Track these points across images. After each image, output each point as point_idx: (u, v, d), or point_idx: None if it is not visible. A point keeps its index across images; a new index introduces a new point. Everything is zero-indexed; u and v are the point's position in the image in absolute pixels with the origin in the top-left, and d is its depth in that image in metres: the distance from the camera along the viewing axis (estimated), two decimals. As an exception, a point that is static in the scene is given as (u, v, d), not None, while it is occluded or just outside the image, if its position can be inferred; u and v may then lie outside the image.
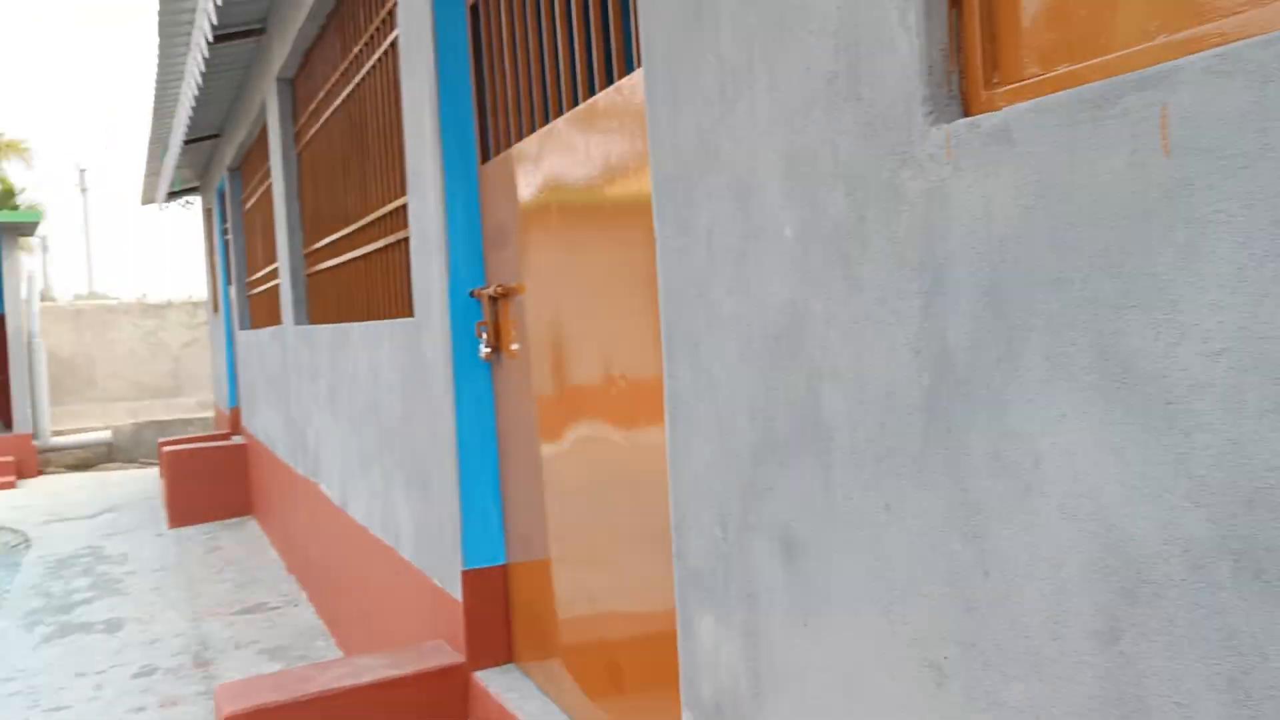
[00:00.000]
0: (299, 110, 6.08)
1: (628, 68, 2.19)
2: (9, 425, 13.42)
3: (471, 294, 3.13)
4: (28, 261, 14.53)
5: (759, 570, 1.58)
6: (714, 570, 1.71)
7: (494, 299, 3.05)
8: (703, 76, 1.66)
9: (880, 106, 1.28)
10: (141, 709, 4.59)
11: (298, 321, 6.09)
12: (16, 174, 46.67)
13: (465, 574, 3.09)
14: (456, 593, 3.15)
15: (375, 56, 4.13)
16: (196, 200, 12.85)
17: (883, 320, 1.29)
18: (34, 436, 13.32)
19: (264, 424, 7.86)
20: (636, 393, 2.25)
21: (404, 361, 3.70)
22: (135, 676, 5.03)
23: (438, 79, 3.15)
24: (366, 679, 3.02)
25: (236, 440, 9.71)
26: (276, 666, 5.01)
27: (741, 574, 1.63)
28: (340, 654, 5.11)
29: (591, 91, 2.38)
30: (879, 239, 1.29)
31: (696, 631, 1.77)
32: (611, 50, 2.22)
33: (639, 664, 2.34)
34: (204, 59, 6.01)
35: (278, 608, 6.05)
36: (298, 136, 6.13)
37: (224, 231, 10.52)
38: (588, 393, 2.52)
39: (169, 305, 15.54)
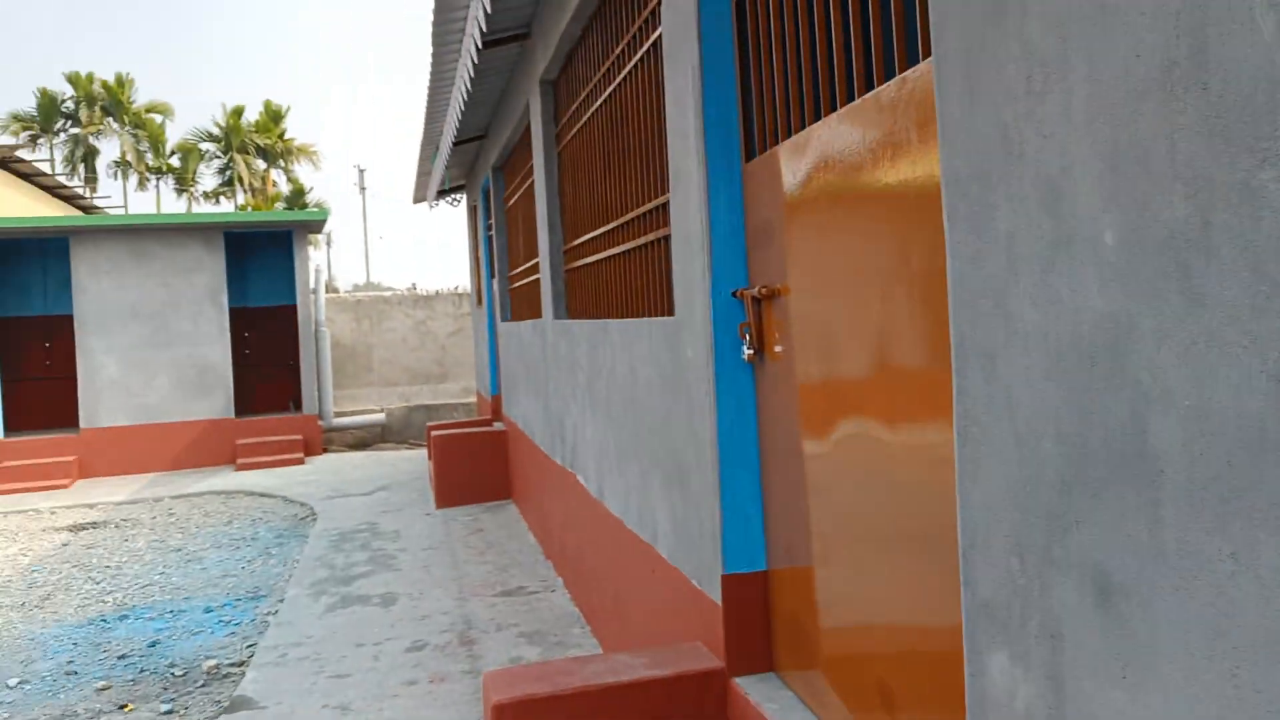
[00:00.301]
0: (560, 111, 6.25)
1: (909, 59, 2.07)
2: (298, 407, 14.70)
3: (734, 294, 3.08)
4: (314, 256, 15.82)
5: (1065, 610, 1.43)
6: (1008, 604, 1.57)
7: (757, 300, 2.99)
8: (1005, 67, 1.52)
9: (1233, 97, 1.11)
10: (413, 682, 4.87)
11: (557, 315, 6.28)
12: (305, 175, 51.14)
13: (725, 578, 3.06)
14: (716, 596, 3.13)
15: (637, 56, 4.16)
16: (462, 198, 13.57)
17: (1233, 342, 1.13)
18: (319, 417, 14.52)
19: (523, 412, 8.19)
20: (912, 400, 2.13)
21: (663, 360, 3.71)
22: (408, 650, 5.35)
23: (702, 76, 3.12)
24: (626, 677, 3.04)
25: (498, 426, 10.19)
26: (536, 650, 5.19)
27: (1043, 612, 1.49)
28: (595, 643, 5.23)
29: (870, 85, 2.27)
30: (1229, 248, 1.13)
31: (987, 668, 1.64)
32: (893, 40, 2.10)
33: (913, 687, 2.22)
34: (473, 64, 6.28)
35: (536, 592, 6.28)
36: (558, 136, 6.31)
37: (487, 228, 11.05)
38: (857, 398, 2.42)
39: (437, 296, 16.53)
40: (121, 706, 5.07)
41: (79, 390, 13.47)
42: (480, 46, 5.98)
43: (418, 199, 13.67)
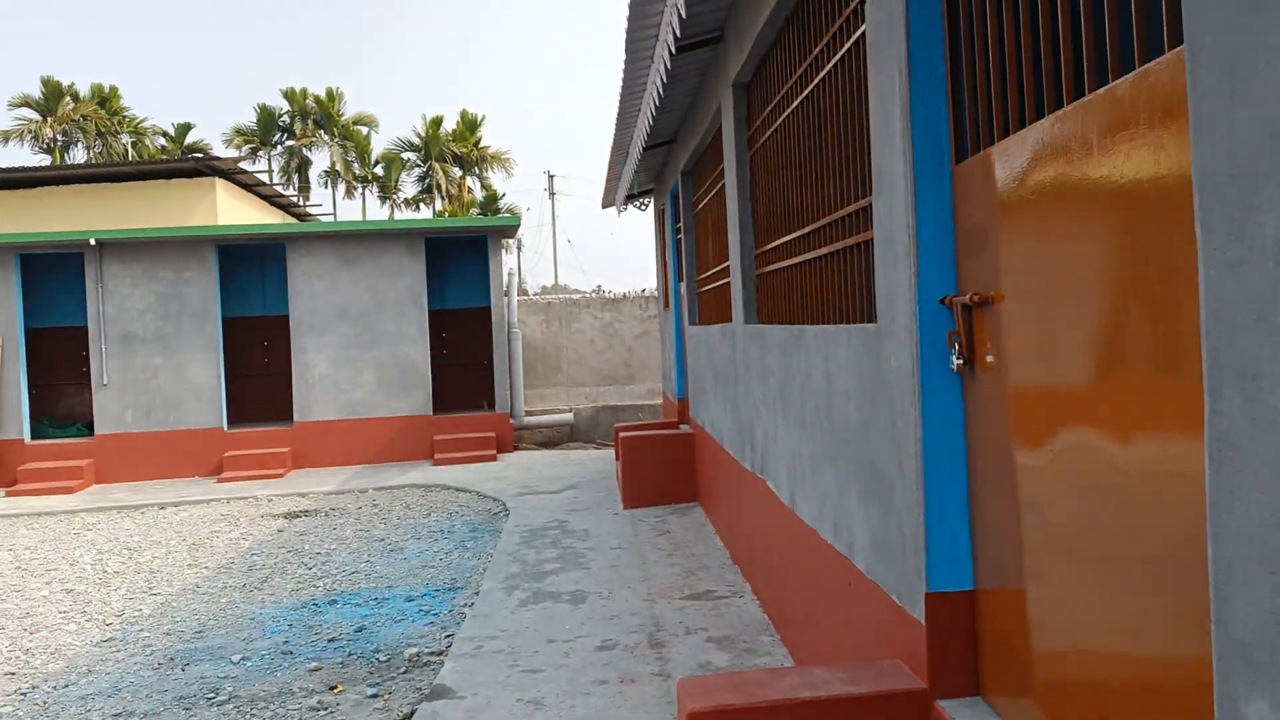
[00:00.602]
0: (753, 114, 6.21)
1: (1150, 51, 1.92)
2: (492, 405, 15.21)
3: (942, 301, 2.96)
4: (506, 259, 16.34)
5: (1344, 659, 1.29)
6: (1272, 647, 1.43)
7: (968, 307, 2.86)
8: (1276, 57, 1.38)
9: None
10: (604, 681, 4.93)
11: (748, 320, 6.24)
12: (497, 181, 53.04)
13: (930, 596, 2.94)
14: (917, 614, 3.01)
15: (837, 56, 4.08)
16: (650, 202, 13.71)
17: None
18: (511, 416, 14.98)
19: (711, 416, 8.18)
20: (1147, 413, 1.98)
21: (863, 368, 3.61)
22: (598, 649, 5.42)
23: (909, 74, 3.02)
24: (824, 693, 2.97)
25: (684, 429, 10.23)
26: (725, 657, 5.16)
27: (1314, 658, 1.34)
28: (785, 652, 5.15)
29: (1102, 80, 2.12)
30: None
31: (1243, 716, 1.49)
32: (1132, 31, 1.96)
33: (1143, 727, 2.06)
34: (665, 69, 6.31)
35: (724, 597, 6.25)
36: (751, 140, 6.27)
37: (676, 231, 11.12)
38: (1081, 411, 2.27)
39: (624, 299, 16.77)
40: (332, 687, 5.35)
41: (293, 386, 14.38)
42: (674, 51, 6.01)
43: (606, 204, 13.90)
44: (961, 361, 2.88)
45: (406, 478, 12.77)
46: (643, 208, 13.85)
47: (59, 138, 45.95)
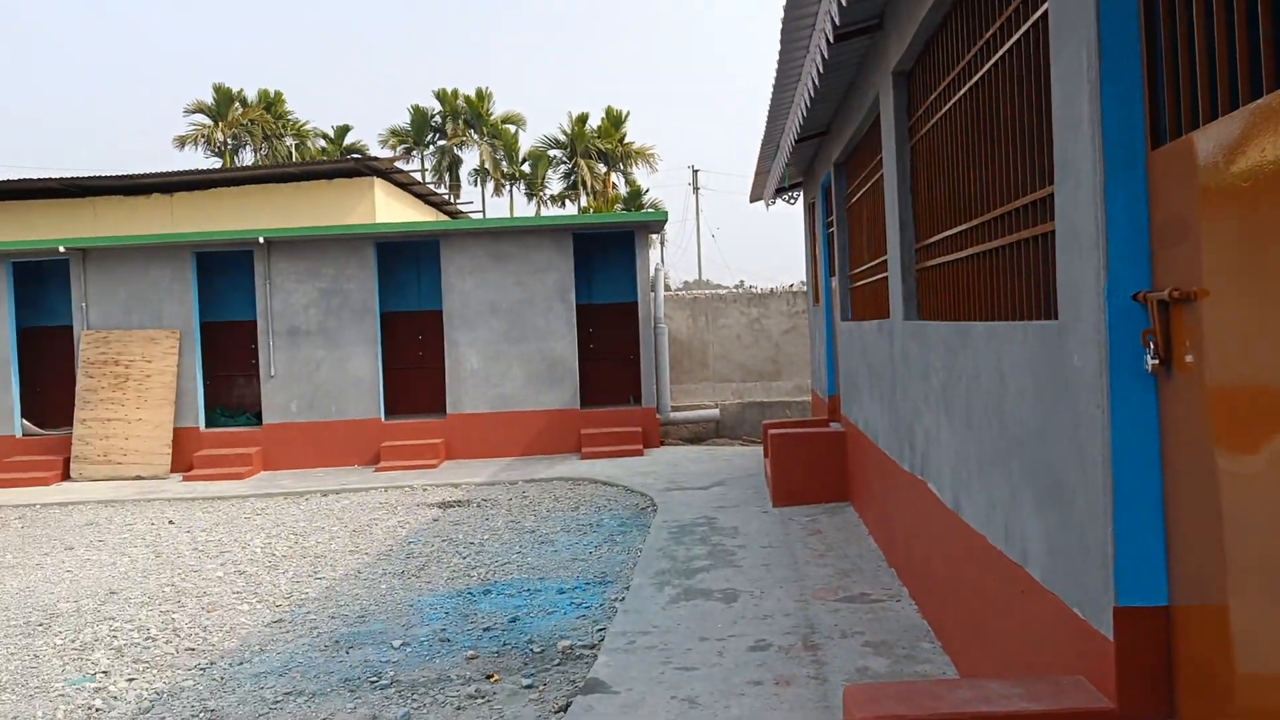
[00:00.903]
0: (914, 103, 6.01)
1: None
2: (638, 400, 15.29)
3: (1134, 297, 2.78)
4: (652, 255, 16.38)
5: None
6: None
7: (1165, 304, 2.67)
8: None
9: None
10: (758, 683, 4.86)
11: (907, 316, 6.05)
12: (640, 177, 53.39)
13: (1119, 611, 2.77)
14: (1105, 629, 2.84)
15: (1012, 40, 3.89)
16: (799, 195, 13.52)
17: None
18: (657, 411, 15.03)
19: (864, 414, 7.99)
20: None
21: (1040, 367, 3.43)
22: (751, 649, 5.35)
23: (1100, 56, 2.84)
24: (1000, 708, 2.83)
25: (835, 427, 10.04)
26: (883, 662, 5.02)
27: None
28: (947, 660, 4.98)
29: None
30: None
31: None
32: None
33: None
34: (822, 59, 6.18)
35: (880, 601, 6.09)
36: (912, 130, 6.07)
37: (827, 225, 10.91)
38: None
39: (771, 294, 16.60)
40: (488, 676, 5.44)
41: (446, 379, 14.78)
42: (831, 40, 5.87)
43: (754, 198, 13.78)
44: (1157, 361, 2.69)
45: (555, 471, 12.96)
46: (791, 201, 13.67)
47: (229, 141, 48.58)
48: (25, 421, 15.18)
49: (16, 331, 15.15)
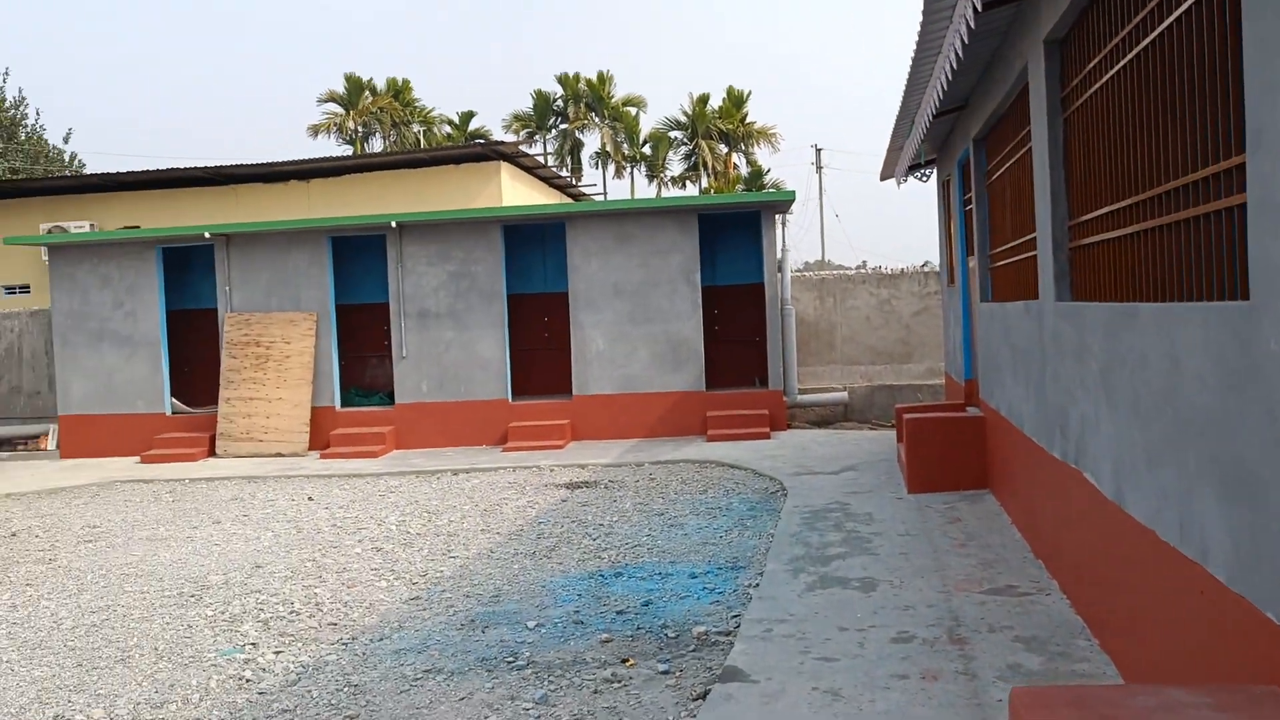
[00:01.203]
0: (1068, 73, 5.69)
1: None
2: (764, 382, 15.12)
3: (1347, 275, 2.53)
4: (779, 235, 16.14)
5: None
6: None
7: (1385, 282, 2.42)
8: None
9: None
10: (904, 676, 4.70)
11: (1059, 297, 5.75)
12: (763, 157, 52.80)
13: (1326, 619, 2.54)
14: (1307, 637, 2.61)
15: (1189, 1, 3.61)
16: (932, 173, 13.09)
17: None
18: (784, 393, 14.83)
19: (1007, 399, 7.68)
20: None
21: (1224, 351, 3.18)
22: (894, 641, 5.19)
23: (1306, 12, 2.59)
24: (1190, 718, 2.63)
25: (972, 412, 9.70)
26: (1036, 660, 4.80)
27: None
28: (1105, 658, 4.73)
29: None
30: None
31: None
32: None
33: None
34: (967, 29, 5.90)
35: (1028, 594, 5.84)
36: (1065, 101, 5.75)
37: (964, 203, 10.53)
38: None
39: (901, 274, 16.16)
40: (624, 660, 5.42)
41: (572, 360, 14.87)
42: (979, 9, 5.60)
43: (885, 176, 13.41)
44: (1374, 346, 2.44)
45: (681, 453, 12.91)
46: (924, 179, 13.24)
47: (359, 129, 49.94)
48: (174, 400, 15.91)
49: (166, 314, 15.86)
